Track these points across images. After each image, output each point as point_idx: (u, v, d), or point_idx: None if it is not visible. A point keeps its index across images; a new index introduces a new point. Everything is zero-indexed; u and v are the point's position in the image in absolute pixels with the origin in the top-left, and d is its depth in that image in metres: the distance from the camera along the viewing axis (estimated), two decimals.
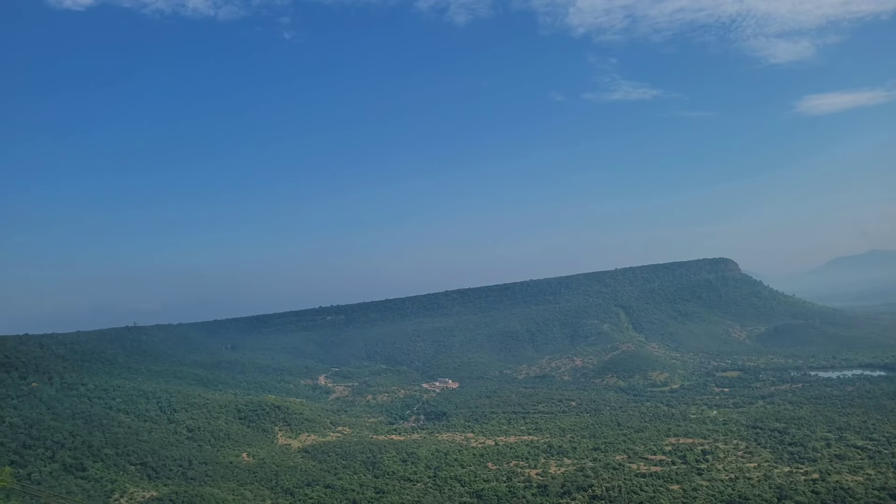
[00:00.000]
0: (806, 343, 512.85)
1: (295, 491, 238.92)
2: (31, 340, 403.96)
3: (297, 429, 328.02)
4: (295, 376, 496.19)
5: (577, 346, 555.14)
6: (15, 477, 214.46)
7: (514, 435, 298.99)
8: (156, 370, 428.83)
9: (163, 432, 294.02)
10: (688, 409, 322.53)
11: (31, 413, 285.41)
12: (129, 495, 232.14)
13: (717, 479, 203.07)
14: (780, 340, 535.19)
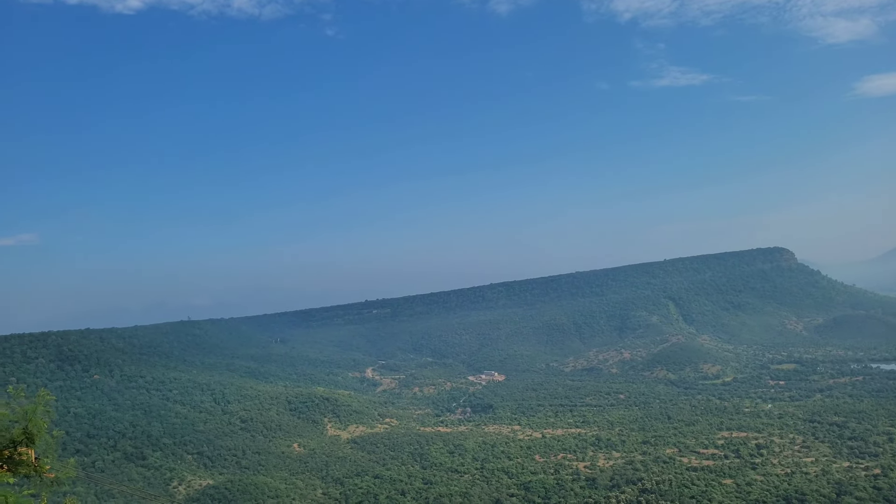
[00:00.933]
0: (867, 334, 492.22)
1: (345, 481, 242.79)
2: (92, 335, 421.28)
3: (345, 420, 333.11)
4: (343, 369, 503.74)
5: (625, 338, 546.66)
6: (80, 465, 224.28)
7: (562, 428, 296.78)
8: (209, 363, 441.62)
9: (217, 423, 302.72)
10: (741, 402, 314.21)
11: (93, 404, 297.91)
12: (187, 483, 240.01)
13: (773, 474, 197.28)
14: (840, 332, 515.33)
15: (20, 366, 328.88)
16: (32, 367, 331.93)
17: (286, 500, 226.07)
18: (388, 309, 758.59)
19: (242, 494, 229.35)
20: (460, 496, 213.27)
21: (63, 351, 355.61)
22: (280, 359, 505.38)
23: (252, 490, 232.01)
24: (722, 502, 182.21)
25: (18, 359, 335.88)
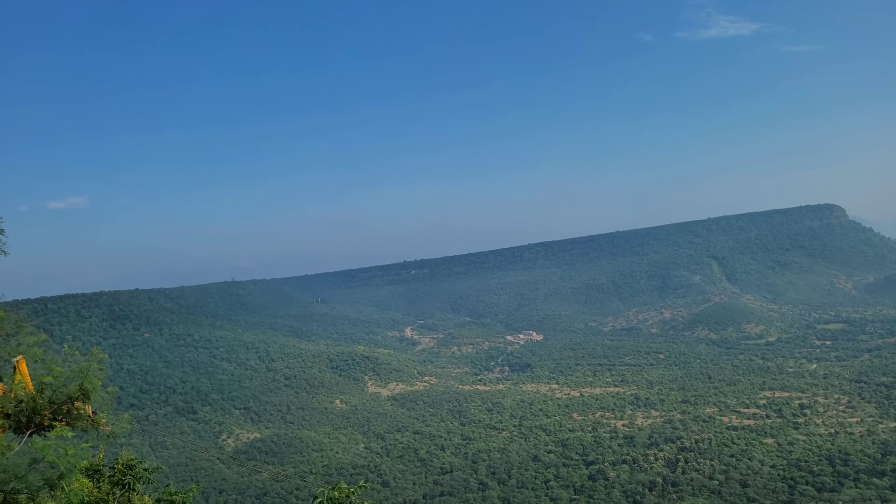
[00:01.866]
0: None
1: (386, 436, 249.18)
2: (142, 295, 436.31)
3: (385, 378, 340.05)
4: (382, 328, 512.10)
5: (665, 298, 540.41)
6: (134, 419, 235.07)
7: (600, 387, 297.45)
8: (253, 322, 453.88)
9: (262, 380, 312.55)
10: (785, 362, 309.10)
11: (145, 361, 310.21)
12: (235, 436, 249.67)
13: (816, 434, 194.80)
14: (892, 291, 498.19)
15: (75, 324, 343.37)
16: (86, 325, 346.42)
17: (330, 453, 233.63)
18: (426, 269, 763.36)
19: (288, 447, 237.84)
20: (499, 452, 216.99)
21: (114, 310, 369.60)
22: (321, 318, 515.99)
23: (297, 443, 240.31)
24: (762, 461, 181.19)
25: (73, 318, 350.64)
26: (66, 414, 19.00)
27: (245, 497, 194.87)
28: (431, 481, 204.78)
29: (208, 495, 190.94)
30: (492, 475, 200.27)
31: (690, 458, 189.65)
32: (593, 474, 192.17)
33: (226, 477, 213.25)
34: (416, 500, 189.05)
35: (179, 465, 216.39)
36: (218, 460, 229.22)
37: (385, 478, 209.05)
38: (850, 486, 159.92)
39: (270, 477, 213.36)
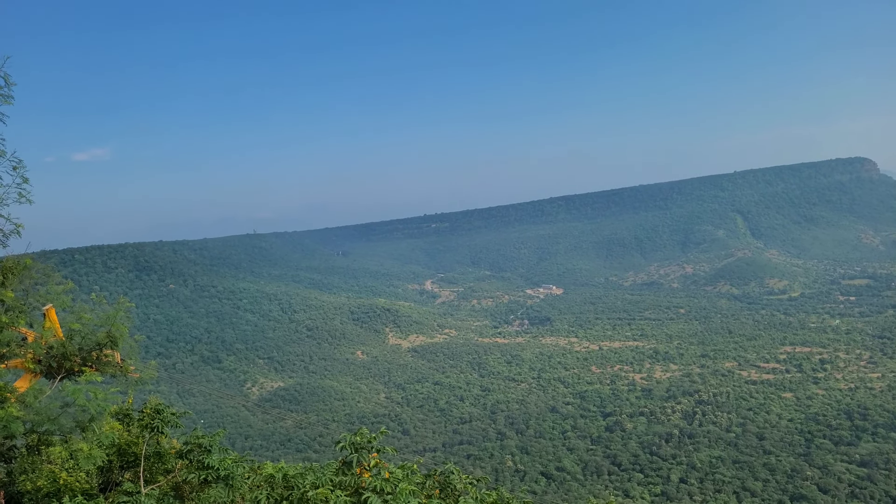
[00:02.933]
0: None
1: (406, 386, 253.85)
2: (166, 246, 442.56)
3: (406, 330, 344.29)
4: (403, 281, 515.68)
5: (688, 253, 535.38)
6: (162, 367, 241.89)
7: (619, 340, 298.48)
8: (275, 274, 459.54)
9: (285, 331, 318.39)
10: (807, 317, 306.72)
11: (171, 311, 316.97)
12: (260, 385, 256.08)
13: (835, 389, 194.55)
14: None
15: (101, 275, 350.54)
16: (113, 276, 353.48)
17: (351, 402, 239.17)
18: (446, 223, 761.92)
19: (311, 396, 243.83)
20: (517, 403, 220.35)
21: (140, 261, 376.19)
22: (342, 271, 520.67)
23: (319, 392, 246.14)
24: (780, 415, 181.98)
25: (100, 269, 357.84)
26: (94, 360, 19.53)
27: (270, 443, 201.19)
28: (451, 430, 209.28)
29: (234, 441, 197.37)
30: (510, 425, 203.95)
31: (708, 410, 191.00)
32: (610, 426, 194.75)
33: (251, 423, 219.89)
34: (436, 448, 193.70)
35: (206, 411, 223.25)
36: (243, 407, 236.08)
37: (405, 426, 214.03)
38: (867, 439, 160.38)
39: (294, 424, 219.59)
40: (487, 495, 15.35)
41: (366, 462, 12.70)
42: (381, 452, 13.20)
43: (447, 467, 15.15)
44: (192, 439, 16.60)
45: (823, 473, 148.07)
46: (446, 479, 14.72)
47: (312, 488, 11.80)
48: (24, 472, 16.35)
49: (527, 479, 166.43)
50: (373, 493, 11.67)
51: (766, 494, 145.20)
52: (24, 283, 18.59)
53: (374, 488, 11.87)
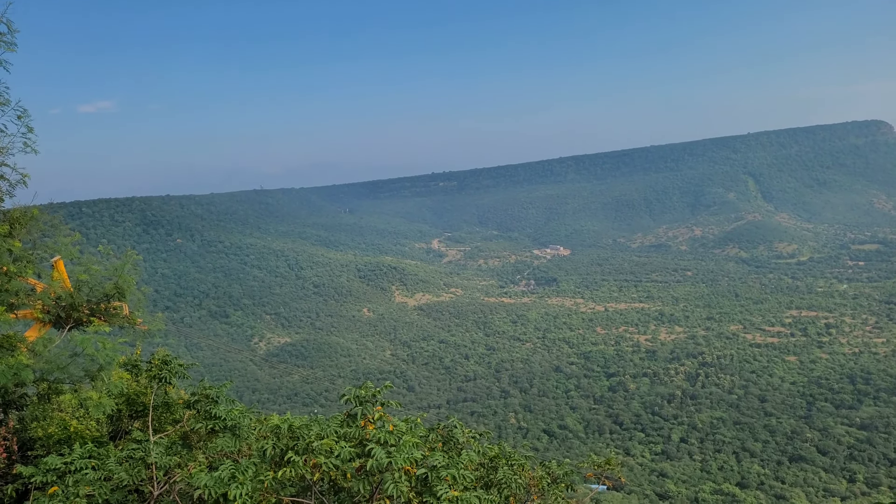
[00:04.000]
0: None
1: (412, 344, 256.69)
2: (173, 201, 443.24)
3: (412, 288, 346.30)
4: (409, 240, 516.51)
5: (697, 215, 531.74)
6: (170, 321, 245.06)
7: (625, 302, 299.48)
8: (282, 230, 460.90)
9: (292, 287, 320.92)
10: (815, 282, 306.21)
11: (178, 266, 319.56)
12: (267, 340, 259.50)
13: (839, 353, 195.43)
14: None
15: (109, 228, 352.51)
16: (120, 230, 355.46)
17: (357, 358, 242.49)
18: (454, 182, 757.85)
19: (317, 352, 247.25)
20: (521, 362, 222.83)
21: (147, 216, 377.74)
22: (349, 228, 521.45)
23: (326, 348, 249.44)
24: (783, 378, 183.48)
25: (108, 222, 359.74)
26: (102, 311, 19.70)
27: (277, 396, 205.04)
28: (455, 388, 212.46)
29: (242, 394, 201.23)
30: (514, 384, 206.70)
31: (711, 372, 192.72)
32: (613, 386, 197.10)
33: (258, 378, 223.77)
34: (440, 404, 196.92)
35: (214, 364, 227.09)
36: (251, 362, 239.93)
37: (410, 383, 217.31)
38: (869, 403, 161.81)
39: (301, 379, 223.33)
40: (489, 449, 15.59)
41: (370, 415, 12.83)
42: (385, 406, 13.31)
43: (450, 421, 15.36)
44: (200, 390, 16.84)
45: (823, 436, 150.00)
46: (449, 432, 14.94)
47: (317, 439, 11.94)
48: (35, 419, 16.66)
49: (529, 437, 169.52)
50: (377, 445, 11.81)
51: (765, 455, 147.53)
52: (32, 234, 18.63)
53: (377, 440, 12.01)
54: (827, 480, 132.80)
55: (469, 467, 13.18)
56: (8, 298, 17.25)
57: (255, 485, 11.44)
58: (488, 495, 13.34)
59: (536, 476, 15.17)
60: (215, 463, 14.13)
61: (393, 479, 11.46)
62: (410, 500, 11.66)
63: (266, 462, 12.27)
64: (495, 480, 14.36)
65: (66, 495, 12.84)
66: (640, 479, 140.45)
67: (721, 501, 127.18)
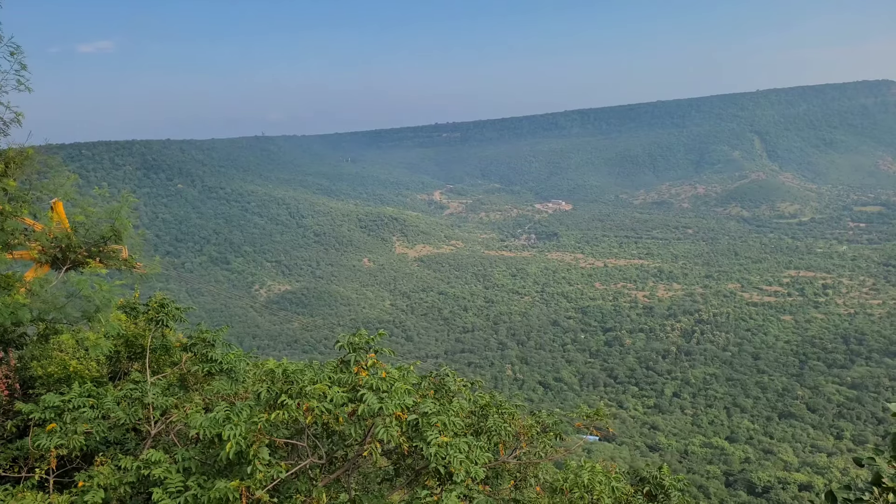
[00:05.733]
0: None
1: (411, 295, 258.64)
2: (173, 145, 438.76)
3: (413, 240, 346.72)
4: (411, 191, 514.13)
5: (701, 172, 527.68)
6: (171, 266, 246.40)
7: (625, 258, 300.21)
8: (283, 178, 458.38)
9: (293, 235, 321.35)
10: (815, 242, 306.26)
11: (179, 211, 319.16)
12: (267, 287, 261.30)
13: (835, 314, 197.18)
14: None
15: (109, 171, 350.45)
16: (121, 173, 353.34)
17: (357, 307, 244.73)
18: (458, 133, 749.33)
19: (317, 300, 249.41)
20: (520, 315, 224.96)
21: (147, 160, 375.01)
22: (350, 178, 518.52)
23: (326, 297, 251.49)
24: (777, 336, 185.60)
25: (107, 165, 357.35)
26: (99, 253, 19.75)
27: (277, 343, 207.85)
28: (453, 339, 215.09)
29: (242, 339, 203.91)
30: (511, 336, 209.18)
31: (706, 330, 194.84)
32: (609, 340, 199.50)
33: (258, 324, 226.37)
34: (438, 355, 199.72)
35: (215, 310, 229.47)
36: (251, 308, 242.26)
37: (409, 333, 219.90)
38: (860, 363, 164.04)
39: (301, 326, 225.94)
40: (480, 397, 15.87)
41: (363, 362, 12.98)
42: (378, 353, 13.46)
43: (443, 370, 15.58)
44: (197, 334, 17.04)
45: (814, 394, 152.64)
46: (441, 380, 15.17)
47: (311, 384, 12.12)
48: (34, 358, 16.90)
49: (525, 388, 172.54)
50: (369, 391, 11.99)
51: (755, 411, 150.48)
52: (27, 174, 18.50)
53: (370, 386, 12.19)
54: (815, 437, 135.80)
55: (460, 415, 13.44)
56: (4, 238, 17.26)
57: (248, 426, 11.65)
58: (478, 442, 13.64)
59: (526, 425, 15.51)
60: (211, 405, 14.41)
61: (384, 424, 11.67)
62: (401, 444, 11.90)
63: (261, 405, 12.47)
64: (485, 428, 14.71)
65: (65, 432, 13.15)
66: (631, 432, 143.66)
67: (710, 454, 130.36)
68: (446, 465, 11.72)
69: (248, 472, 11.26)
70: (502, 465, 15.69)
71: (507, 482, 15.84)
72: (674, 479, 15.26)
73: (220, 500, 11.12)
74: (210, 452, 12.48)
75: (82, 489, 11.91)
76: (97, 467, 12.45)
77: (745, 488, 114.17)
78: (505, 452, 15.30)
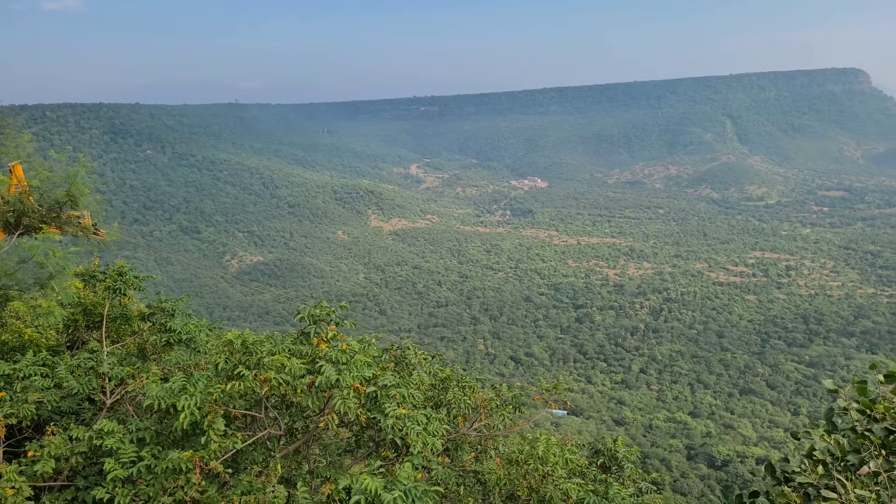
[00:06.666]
0: None
1: (385, 268, 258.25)
2: (143, 109, 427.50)
3: (388, 213, 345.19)
4: (388, 164, 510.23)
5: (674, 154, 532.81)
6: (139, 234, 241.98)
7: (598, 236, 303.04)
8: (257, 147, 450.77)
9: (266, 206, 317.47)
10: (780, 225, 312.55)
11: (148, 178, 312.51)
12: (239, 258, 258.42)
13: (796, 294, 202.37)
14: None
15: (75, 135, 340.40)
16: (87, 137, 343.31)
17: (330, 280, 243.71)
18: (436, 107, 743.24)
19: (290, 272, 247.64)
20: (493, 291, 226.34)
21: (115, 124, 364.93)
22: (326, 149, 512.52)
23: (299, 269, 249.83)
24: (741, 315, 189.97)
25: (73, 128, 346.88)
26: (55, 219, 19.22)
27: (248, 314, 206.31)
28: (427, 313, 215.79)
29: (212, 310, 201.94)
30: (484, 311, 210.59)
31: (674, 308, 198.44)
32: (580, 317, 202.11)
33: (229, 295, 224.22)
34: (411, 329, 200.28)
35: (184, 280, 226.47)
36: (222, 279, 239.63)
37: (382, 307, 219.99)
38: (819, 343, 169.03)
39: (273, 298, 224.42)
40: (441, 371, 15.94)
41: (323, 334, 12.91)
42: (339, 325, 13.39)
43: (404, 342, 15.60)
44: (156, 303, 16.75)
45: (773, 371, 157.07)
46: (402, 354, 15.20)
47: (269, 355, 12.02)
48: None
49: (496, 363, 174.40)
50: (327, 363, 11.94)
51: (717, 387, 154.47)
52: None
53: (329, 358, 12.13)
54: (773, 413, 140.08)
55: (420, 388, 13.49)
56: None
57: (204, 397, 11.53)
58: (437, 414, 13.72)
59: (486, 398, 15.66)
60: (169, 375, 14.23)
61: (341, 395, 11.64)
62: (359, 415, 11.90)
63: (219, 376, 12.35)
64: (445, 401, 14.79)
65: (15, 401, 12.84)
66: (599, 406, 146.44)
67: (673, 429, 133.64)
68: (403, 436, 11.77)
69: (203, 442, 11.17)
70: (463, 438, 15.86)
71: (468, 454, 16.03)
72: (627, 452, 15.61)
73: (173, 470, 11.02)
74: (166, 423, 12.35)
75: (32, 459, 11.70)
76: (48, 437, 12.22)
77: (705, 462, 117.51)
78: (464, 425, 15.45)
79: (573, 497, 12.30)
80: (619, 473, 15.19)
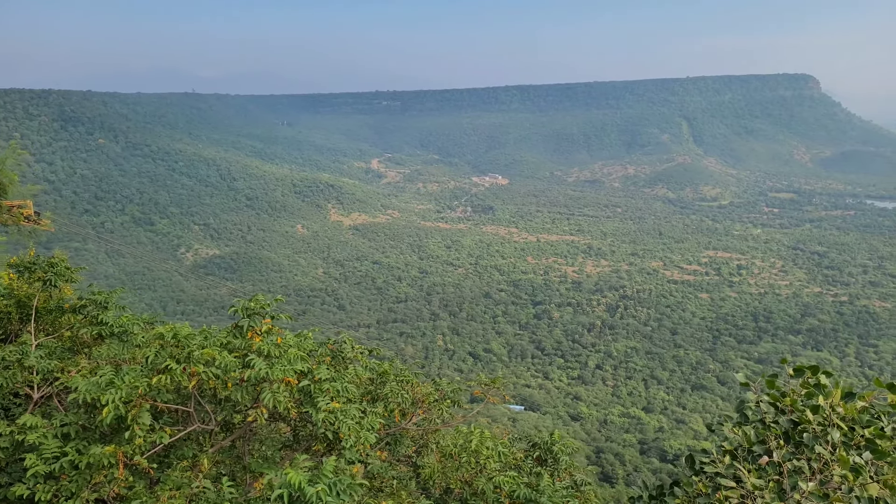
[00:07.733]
0: (871, 171, 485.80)
1: (345, 263, 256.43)
2: (95, 97, 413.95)
3: (348, 208, 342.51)
4: (349, 158, 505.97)
5: (632, 154, 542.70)
6: (90, 225, 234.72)
7: (557, 234, 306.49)
8: (215, 138, 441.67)
9: (223, 198, 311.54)
10: (732, 225, 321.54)
11: (99, 168, 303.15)
12: (194, 251, 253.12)
13: (747, 293, 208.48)
14: (844, 166, 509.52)
15: (23, 122, 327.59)
16: (35, 124, 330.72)
17: (289, 274, 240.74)
18: (398, 102, 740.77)
19: (247, 266, 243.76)
20: (453, 287, 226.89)
21: (65, 111, 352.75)
22: (286, 142, 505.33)
23: (256, 263, 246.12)
24: (694, 313, 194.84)
25: (21, 115, 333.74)
26: None
27: (203, 308, 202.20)
28: (386, 308, 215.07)
29: (166, 304, 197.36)
30: (444, 307, 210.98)
31: (630, 305, 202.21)
32: (539, 314, 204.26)
33: (184, 289, 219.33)
34: (370, 324, 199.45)
35: (136, 273, 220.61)
36: (176, 272, 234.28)
37: (342, 302, 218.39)
38: (767, 340, 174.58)
39: (229, 292, 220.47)
40: (378, 365, 15.94)
41: (258, 327, 12.75)
42: (275, 319, 13.25)
43: (341, 337, 15.53)
44: (88, 295, 16.29)
45: (724, 367, 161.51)
46: (339, 348, 15.12)
47: (199, 349, 11.81)
48: None
49: (455, 358, 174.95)
50: (258, 357, 11.81)
51: (671, 383, 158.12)
52: None
53: (260, 351, 12.00)
54: (723, 407, 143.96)
55: (355, 381, 13.47)
56: None
57: (129, 391, 11.28)
58: (374, 408, 13.71)
59: (424, 392, 15.71)
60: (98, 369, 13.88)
61: (271, 389, 11.53)
62: (289, 409, 11.80)
63: (149, 369, 12.09)
64: (382, 395, 14.79)
65: None
66: (555, 402, 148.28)
67: (627, 424, 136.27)
68: (336, 430, 11.72)
69: (127, 437, 10.94)
70: (403, 432, 15.88)
71: (409, 448, 16.07)
72: (562, 445, 15.88)
73: (96, 465, 10.77)
74: (92, 418, 12.05)
75: None
76: None
77: (657, 456, 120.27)
78: (402, 419, 15.47)
79: (505, 489, 12.46)
80: (555, 467, 15.44)
